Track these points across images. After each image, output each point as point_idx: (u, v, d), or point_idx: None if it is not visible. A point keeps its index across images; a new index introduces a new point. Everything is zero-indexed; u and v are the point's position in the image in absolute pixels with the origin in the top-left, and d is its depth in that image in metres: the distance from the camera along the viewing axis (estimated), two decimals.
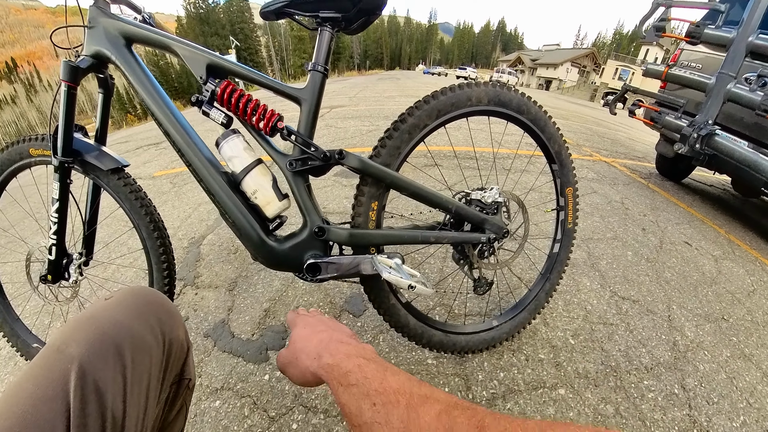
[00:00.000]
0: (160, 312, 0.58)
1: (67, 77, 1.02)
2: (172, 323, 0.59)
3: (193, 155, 1.02)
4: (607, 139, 6.49)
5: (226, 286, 1.82)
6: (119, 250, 2.24)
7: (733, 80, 2.62)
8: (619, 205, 3.12)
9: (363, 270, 1.06)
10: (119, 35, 1.00)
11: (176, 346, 0.59)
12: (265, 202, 1.03)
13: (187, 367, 0.64)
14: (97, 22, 0.99)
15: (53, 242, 1.20)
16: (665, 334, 1.68)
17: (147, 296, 0.59)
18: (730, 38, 2.58)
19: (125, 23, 1.00)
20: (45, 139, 1.16)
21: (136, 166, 4.16)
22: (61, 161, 1.09)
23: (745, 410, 1.37)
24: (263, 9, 1.00)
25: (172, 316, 0.60)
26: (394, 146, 1.05)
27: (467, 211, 1.14)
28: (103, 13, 1.00)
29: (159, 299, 0.60)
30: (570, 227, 1.42)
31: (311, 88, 1.00)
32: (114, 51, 1.00)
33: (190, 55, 0.97)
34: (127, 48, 1.01)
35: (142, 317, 0.54)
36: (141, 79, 1.01)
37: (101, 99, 1.17)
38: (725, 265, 2.46)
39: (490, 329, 1.37)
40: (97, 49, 1.00)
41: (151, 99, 1.01)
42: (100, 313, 0.51)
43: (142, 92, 1.01)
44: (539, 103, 1.21)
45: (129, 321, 0.52)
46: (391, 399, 0.44)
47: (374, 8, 0.98)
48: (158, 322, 0.56)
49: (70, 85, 1.03)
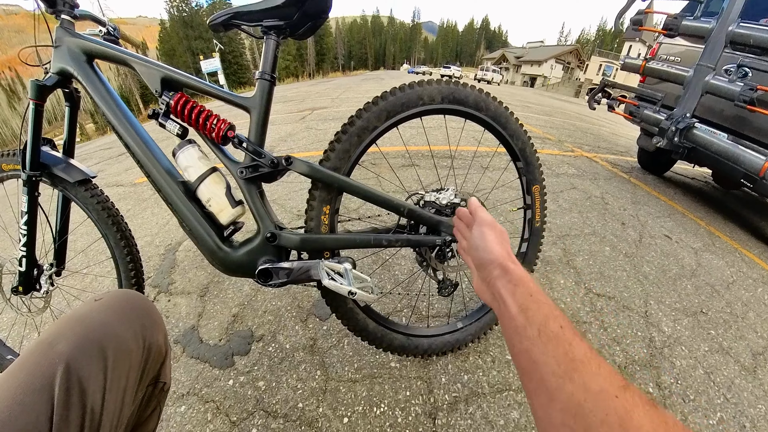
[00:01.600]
0: (144, 317, 0.62)
1: (34, 96, 1.07)
2: (154, 329, 0.63)
3: (151, 165, 1.04)
4: (589, 134, 6.52)
5: (198, 292, 1.80)
6: (97, 259, 2.19)
7: (711, 72, 2.61)
8: (599, 200, 3.11)
9: (313, 275, 1.05)
10: (81, 52, 1.03)
11: (155, 351, 0.63)
12: (219, 209, 1.04)
13: (163, 370, 0.67)
14: (62, 42, 1.03)
15: (23, 254, 1.21)
16: (641, 331, 1.65)
17: (134, 301, 0.63)
18: (709, 29, 2.57)
19: (86, 41, 1.03)
20: (15, 154, 1.18)
21: (117, 173, 4.10)
22: (29, 175, 1.12)
23: (722, 406, 1.36)
24: (210, 21, 1.01)
25: (155, 323, 0.64)
26: (343, 150, 1.04)
27: (420, 213, 1.11)
28: (67, 32, 1.03)
29: (144, 305, 0.65)
30: (538, 226, 1.39)
31: (259, 96, 1.01)
32: (76, 68, 1.03)
33: (145, 69, 1.00)
34: (89, 64, 1.04)
35: (127, 321, 0.58)
36: (102, 93, 1.03)
37: (68, 112, 1.19)
38: (705, 257, 2.45)
39: (454, 331, 1.34)
40: (62, 67, 1.04)
41: (111, 112, 1.04)
42: (90, 314, 0.56)
43: (103, 106, 1.03)
44: (499, 99, 1.18)
45: (115, 324, 0.56)
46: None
47: (319, 12, 0.99)
48: (141, 327, 0.60)
49: (38, 103, 1.08)
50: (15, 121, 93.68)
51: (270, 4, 0.94)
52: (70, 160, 1.19)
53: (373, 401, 1.23)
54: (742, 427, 1.30)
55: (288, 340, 1.46)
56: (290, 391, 1.25)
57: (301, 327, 1.53)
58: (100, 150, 6.28)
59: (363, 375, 1.32)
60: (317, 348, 1.43)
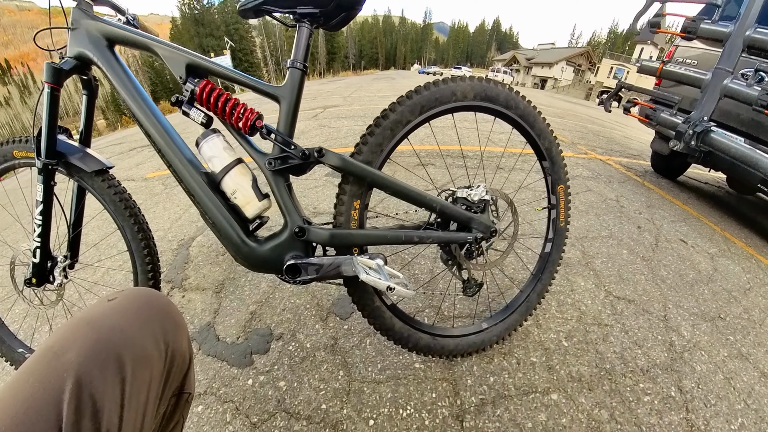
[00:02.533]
0: (165, 320, 0.54)
1: (50, 79, 1.01)
2: (177, 333, 0.56)
3: (174, 156, 1.01)
4: (602, 137, 6.47)
5: (213, 288, 1.79)
6: (109, 252, 2.20)
7: (729, 76, 2.58)
8: (614, 203, 3.08)
9: (344, 271, 1.03)
10: (101, 36, 0.99)
11: (179, 359, 0.56)
12: (245, 202, 1.01)
13: (188, 380, 0.61)
14: (79, 24, 0.99)
15: (37, 245, 1.18)
16: (661, 335, 1.64)
17: (153, 301, 0.56)
18: (727, 33, 2.55)
19: (107, 24, 0.99)
20: (29, 141, 1.15)
21: (129, 168, 4.12)
22: (45, 163, 1.08)
23: (743, 412, 1.34)
24: (241, 7, 0.98)
25: (178, 326, 0.57)
26: (375, 143, 1.02)
27: (452, 209, 1.11)
28: (85, 14, 0.99)
29: (164, 305, 0.57)
30: (562, 226, 1.39)
31: (290, 85, 0.99)
32: (96, 52, 0.99)
33: (169, 55, 0.97)
34: (109, 49, 1.01)
35: (146, 326, 0.51)
36: (123, 80, 1.00)
37: (85, 100, 1.17)
38: (721, 262, 2.42)
39: (479, 332, 1.33)
40: (80, 51, 1.00)
41: (132, 100, 1.00)
42: (102, 318, 0.48)
43: (124, 94, 1.00)
44: (528, 98, 1.17)
45: (131, 329, 0.49)
46: None
47: (354, 3, 0.97)
48: (162, 332, 0.53)
49: (54, 86, 1.02)
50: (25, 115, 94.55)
51: None
52: (87, 150, 1.17)
53: (398, 403, 1.21)
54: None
55: (308, 339, 1.45)
56: (312, 392, 1.24)
57: (321, 326, 1.52)
58: (111, 145, 6.33)
59: (387, 376, 1.30)
60: (339, 348, 1.41)
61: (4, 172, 1.26)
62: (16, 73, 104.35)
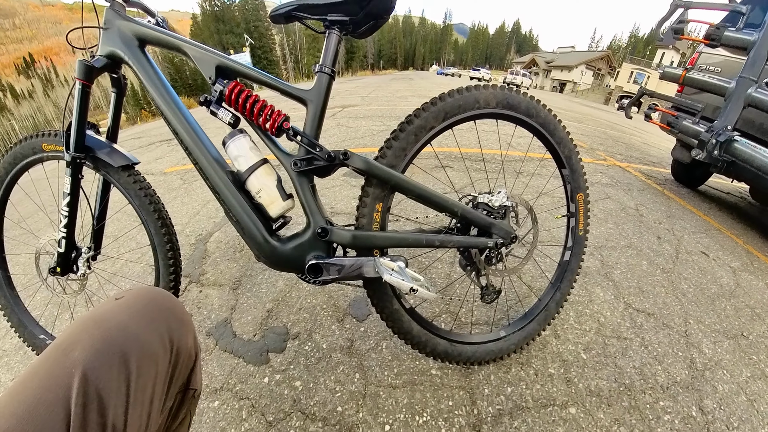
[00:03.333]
0: (170, 318, 0.56)
1: (82, 76, 1.05)
2: (182, 330, 0.57)
3: (200, 154, 1.04)
4: (621, 143, 6.38)
5: (230, 284, 1.81)
6: (128, 245, 2.25)
7: (754, 84, 2.52)
8: (633, 212, 3.03)
9: (365, 272, 1.04)
10: (133, 37, 1.04)
11: (184, 356, 0.57)
12: (269, 201, 1.04)
13: (194, 376, 0.62)
14: (112, 24, 1.03)
15: (63, 235, 1.23)
16: (682, 351, 1.60)
17: (158, 300, 0.57)
18: (752, 41, 2.49)
19: (139, 25, 1.04)
20: (57, 135, 1.20)
21: (148, 162, 4.19)
22: (74, 157, 1.13)
23: None
24: (273, 12, 1.03)
25: (183, 323, 0.58)
26: (399, 148, 1.04)
27: (473, 214, 1.11)
28: (118, 15, 1.04)
29: (171, 304, 0.59)
30: (581, 234, 1.38)
31: (317, 89, 1.02)
32: (128, 52, 1.04)
33: (200, 56, 1.00)
34: (140, 49, 1.05)
35: (152, 323, 0.53)
36: (153, 79, 1.04)
37: (114, 98, 1.22)
38: (744, 277, 2.36)
39: (497, 339, 1.32)
40: (112, 50, 1.04)
41: (161, 99, 1.04)
42: (109, 316, 0.50)
43: (153, 92, 1.04)
44: (549, 106, 1.17)
45: (137, 327, 0.50)
46: None
47: (383, 12, 1.00)
48: (168, 329, 0.54)
49: (85, 83, 1.07)
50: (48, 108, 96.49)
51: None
52: (114, 145, 1.21)
53: (415, 409, 1.20)
54: None
55: (324, 339, 1.45)
56: (328, 394, 1.24)
57: (337, 327, 1.52)
58: (131, 139, 6.43)
59: (403, 381, 1.29)
60: (355, 350, 1.41)
61: (33, 164, 1.30)
62: (39, 66, 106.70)
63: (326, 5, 0.96)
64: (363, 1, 0.94)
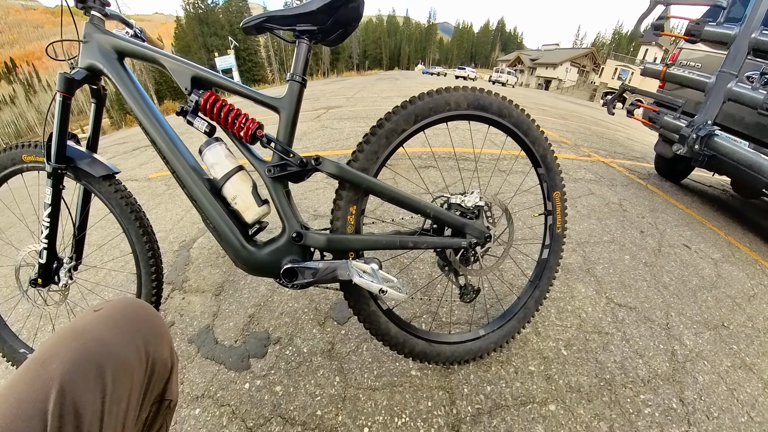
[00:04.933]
0: (147, 330, 0.58)
1: (62, 88, 1.07)
2: (158, 342, 0.59)
3: (177, 162, 1.06)
4: (605, 139, 6.44)
5: (212, 290, 1.79)
6: (112, 254, 2.21)
7: (734, 79, 2.55)
8: (617, 207, 3.06)
9: (340, 275, 1.05)
10: (112, 50, 1.05)
11: (159, 366, 0.59)
12: (245, 207, 1.06)
13: (169, 386, 0.63)
14: (91, 38, 1.05)
15: (44, 246, 1.23)
16: (663, 344, 1.61)
17: (136, 311, 0.59)
18: (732, 35, 2.52)
19: (118, 39, 1.05)
20: (37, 146, 1.20)
21: (132, 168, 4.13)
22: (55, 167, 1.13)
23: (746, 425, 1.32)
24: (244, 24, 1.04)
25: (160, 335, 0.60)
26: (371, 151, 1.05)
27: (446, 215, 1.13)
28: (97, 29, 1.05)
29: (148, 316, 0.60)
30: (559, 232, 1.39)
31: (289, 97, 1.04)
32: (107, 65, 1.05)
33: (176, 67, 1.03)
34: (119, 62, 1.07)
35: (129, 335, 0.54)
36: (131, 91, 1.06)
37: (93, 109, 1.22)
38: (725, 268, 2.40)
39: (477, 339, 1.32)
40: (91, 63, 1.06)
41: (139, 109, 1.06)
42: (87, 328, 0.51)
43: (132, 103, 1.06)
44: (522, 106, 1.19)
45: (114, 339, 0.52)
46: None
47: (351, 20, 1.03)
48: (144, 341, 0.56)
49: (65, 95, 1.08)
50: (30, 113, 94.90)
51: (304, 10, 0.96)
52: (95, 155, 1.22)
53: (394, 411, 1.20)
54: None
55: (305, 343, 1.44)
56: (308, 398, 1.23)
57: (318, 330, 1.51)
58: (115, 144, 6.35)
59: (383, 383, 1.29)
60: (335, 353, 1.40)
61: (12, 175, 1.30)
62: (21, 71, 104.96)
63: (295, 16, 0.97)
64: (331, 10, 0.96)
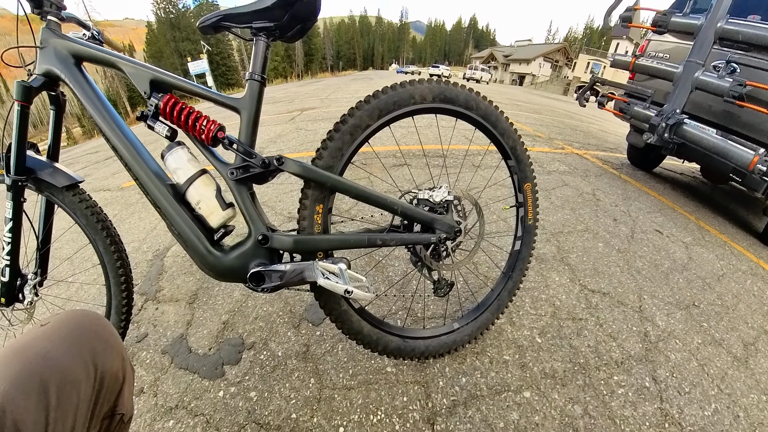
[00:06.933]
0: (95, 342, 0.56)
1: (20, 97, 1.03)
2: (108, 353, 0.57)
3: (139, 168, 1.03)
4: (579, 131, 6.55)
5: (186, 299, 1.75)
6: (83, 266, 2.14)
7: (701, 68, 2.62)
8: (590, 197, 3.12)
9: (307, 277, 1.03)
10: (69, 54, 1.01)
11: (109, 379, 0.56)
12: (209, 211, 1.03)
13: (121, 400, 0.61)
14: (48, 43, 1.01)
15: (6, 263, 1.17)
16: (636, 326, 1.65)
17: (84, 323, 0.57)
18: (698, 25, 2.59)
19: (74, 43, 1.01)
20: None
21: (104, 177, 4.03)
22: (14, 180, 1.09)
23: (716, 397, 1.36)
24: (200, 24, 1.01)
25: (109, 346, 0.58)
26: (335, 148, 1.03)
27: (413, 211, 1.12)
28: (53, 33, 1.01)
29: (97, 327, 0.59)
30: (530, 223, 1.39)
31: (249, 97, 1.01)
32: (64, 70, 1.02)
33: (134, 71, 0.99)
34: (77, 66, 1.03)
35: (74, 348, 0.53)
36: (90, 96, 1.02)
37: (53, 116, 1.19)
38: (696, 251, 2.46)
39: (451, 332, 1.32)
40: (48, 68, 1.02)
41: (99, 115, 1.02)
42: (31, 344, 0.50)
43: (91, 109, 1.02)
44: (489, 98, 1.18)
45: (59, 353, 0.50)
46: None
47: (309, 15, 1.00)
48: (91, 354, 0.54)
49: (23, 104, 1.04)
50: None
51: (259, 6, 0.94)
52: (56, 165, 1.17)
53: (369, 409, 1.19)
54: (736, 416, 1.31)
55: (280, 347, 1.43)
56: (283, 402, 1.22)
57: (293, 333, 1.49)
58: (87, 154, 6.19)
59: (358, 381, 1.28)
60: (310, 354, 1.39)
61: None
62: None
63: (251, 13, 0.95)
64: (287, 6, 0.94)
